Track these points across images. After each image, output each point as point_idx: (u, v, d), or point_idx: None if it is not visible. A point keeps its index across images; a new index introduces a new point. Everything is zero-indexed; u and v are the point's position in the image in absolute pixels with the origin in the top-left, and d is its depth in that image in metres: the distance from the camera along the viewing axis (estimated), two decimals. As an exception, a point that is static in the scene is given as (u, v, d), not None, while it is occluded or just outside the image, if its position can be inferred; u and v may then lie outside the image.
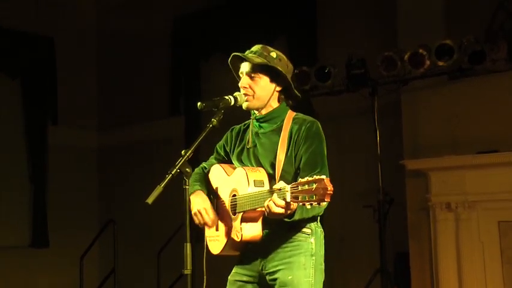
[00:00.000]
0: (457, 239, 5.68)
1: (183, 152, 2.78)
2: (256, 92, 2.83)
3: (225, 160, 3.04)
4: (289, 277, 2.67)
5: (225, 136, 3.08)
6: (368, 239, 6.08)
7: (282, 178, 2.66)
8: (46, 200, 8.70)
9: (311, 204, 2.28)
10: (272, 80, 2.85)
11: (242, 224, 2.64)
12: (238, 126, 3.04)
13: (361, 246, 4.02)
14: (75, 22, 9.32)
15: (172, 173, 2.72)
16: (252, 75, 2.84)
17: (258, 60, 2.80)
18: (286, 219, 2.51)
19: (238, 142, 2.97)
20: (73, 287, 7.85)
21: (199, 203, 2.86)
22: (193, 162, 2.85)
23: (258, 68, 2.83)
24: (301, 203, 2.31)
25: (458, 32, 5.63)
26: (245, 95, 2.83)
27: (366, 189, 6.20)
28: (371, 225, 5.67)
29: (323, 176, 2.31)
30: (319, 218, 2.77)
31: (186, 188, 2.77)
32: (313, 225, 2.74)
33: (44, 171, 8.74)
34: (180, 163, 2.74)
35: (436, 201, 5.79)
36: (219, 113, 2.89)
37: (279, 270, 2.69)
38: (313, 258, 2.71)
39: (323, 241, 2.79)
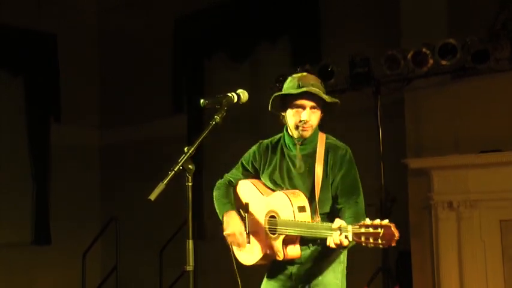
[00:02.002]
0: (458, 237, 5.69)
1: (185, 149, 2.79)
2: (314, 123, 2.97)
3: (251, 175, 3.16)
4: (320, 278, 2.95)
5: (252, 151, 3.19)
6: (370, 238, 6.07)
7: (320, 202, 2.85)
8: (48, 198, 8.71)
9: (372, 245, 2.43)
10: (321, 110, 3.00)
11: (284, 245, 2.83)
12: (266, 142, 3.16)
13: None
14: (78, 20, 9.34)
15: (175, 169, 2.73)
16: (313, 108, 2.95)
17: (326, 97, 2.93)
18: (341, 250, 2.85)
19: (268, 160, 3.07)
20: (75, 284, 7.87)
21: (234, 226, 3.00)
22: (196, 159, 2.85)
23: (319, 102, 2.94)
24: (364, 244, 2.44)
25: (462, 31, 5.63)
26: (304, 128, 2.94)
27: (368, 188, 6.14)
28: (373, 223, 5.66)
29: (389, 223, 2.41)
30: None
31: (188, 184, 2.78)
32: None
33: (46, 169, 8.76)
34: (183, 160, 2.75)
35: (438, 200, 5.80)
36: (221, 110, 2.91)
37: (311, 275, 2.96)
38: (342, 265, 3.03)
39: (346, 257, 3.06)
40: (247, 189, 3.10)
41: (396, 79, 5.76)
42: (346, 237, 2.51)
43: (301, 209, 2.76)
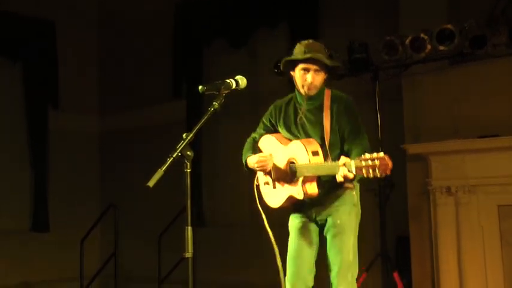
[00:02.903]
0: (457, 223, 5.71)
1: (184, 135, 2.79)
2: (318, 84, 3.42)
3: (272, 130, 3.62)
4: (338, 221, 3.39)
5: (269, 110, 3.68)
6: (369, 223, 6.09)
7: (330, 146, 3.34)
8: (47, 185, 8.71)
9: (373, 175, 2.85)
10: (325, 71, 3.46)
11: (303, 185, 3.27)
12: (280, 102, 3.64)
13: (361, 230, 4.06)
14: (77, 6, 9.29)
15: (174, 156, 2.74)
16: (317, 71, 3.41)
17: (328, 62, 3.43)
18: (347, 184, 3.26)
19: (283, 114, 3.55)
20: (74, 271, 7.88)
21: (257, 155, 3.52)
22: (195, 145, 2.86)
23: (322, 66, 3.41)
24: (365, 175, 2.87)
25: (460, 17, 5.62)
26: (309, 87, 3.41)
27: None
28: (372, 209, 5.68)
29: (381, 154, 2.84)
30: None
31: (187, 171, 2.78)
32: (354, 182, 3.35)
33: (44, 156, 8.74)
34: (182, 146, 2.75)
35: (437, 185, 5.81)
36: (220, 96, 2.92)
37: (329, 215, 3.42)
38: (355, 208, 3.45)
39: (359, 193, 3.49)
40: (269, 142, 3.56)
41: (394, 65, 5.76)
42: (349, 170, 2.94)
43: (315, 153, 3.22)
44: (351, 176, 2.99)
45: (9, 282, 8.19)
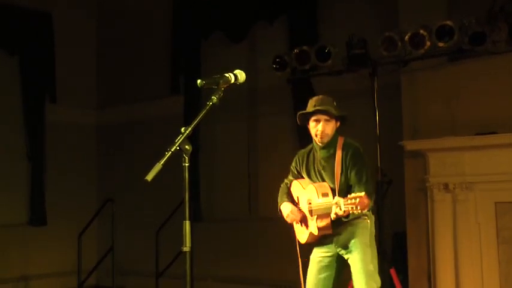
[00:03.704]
0: (454, 219, 5.71)
1: (182, 129, 2.78)
2: (329, 132, 3.92)
3: (299, 176, 4.14)
4: (353, 241, 3.84)
5: (294, 159, 4.19)
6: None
7: (340, 188, 3.83)
8: (44, 178, 8.70)
9: (357, 212, 3.47)
10: (335, 121, 3.98)
11: (317, 221, 3.80)
12: (302, 151, 4.16)
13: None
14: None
15: (172, 150, 2.73)
16: (327, 121, 3.92)
17: (335, 112, 3.93)
18: (344, 219, 3.73)
19: (305, 162, 4.07)
20: (71, 265, 7.88)
21: (288, 209, 4.05)
22: (192, 139, 2.85)
23: (331, 116, 3.93)
24: (351, 211, 3.47)
25: (459, 13, 5.61)
26: (321, 136, 3.92)
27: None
28: (369, 205, 5.68)
29: (362, 193, 3.44)
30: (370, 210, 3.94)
31: (185, 165, 2.78)
32: (367, 212, 3.85)
33: (42, 149, 8.73)
34: (180, 140, 2.74)
35: (434, 182, 5.81)
36: (219, 90, 2.90)
37: (347, 241, 3.85)
38: (368, 231, 3.89)
39: (373, 220, 3.99)
40: (296, 187, 4.11)
41: (393, 61, 5.74)
42: (340, 208, 3.48)
43: (324, 194, 3.77)
44: (340, 213, 3.51)
45: (6, 276, 8.19)
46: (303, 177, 4.11)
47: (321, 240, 3.96)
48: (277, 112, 7.60)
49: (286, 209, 4.06)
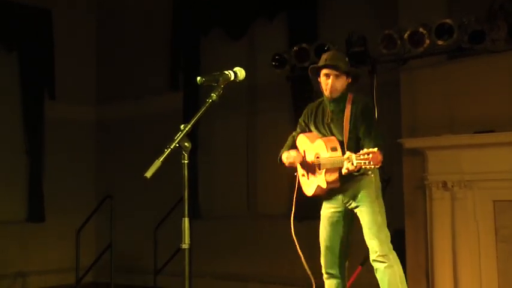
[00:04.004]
0: (452, 217, 5.72)
1: (182, 126, 2.78)
2: (338, 87, 3.94)
3: (307, 130, 4.15)
4: (360, 196, 3.92)
5: (303, 112, 4.19)
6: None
7: (348, 142, 3.86)
8: (42, 175, 8.69)
9: (369, 167, 3.45)
10: (346, 77, 4.00)
11: (325, 175, 3.83)
12: (312, 104, 4.14)
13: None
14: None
15: (171, 147, 2.73)
16: (337, 76, 3.94)
17: (345, 67, 3.96)
18: (355, 173, 3.70)
19: (314, 116, 4.10)
20: (69, 261, 7.87)
21: (290, 152, 4.07)
22: (191, 137, 2.85)
23: (341, 72, 3.95)
24: (363, 166, 3.45)
25: (460, 11, 5.61)
26: (330, 90, 3.93)
27: (363, 167, 6.21)
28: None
29: (375, 149, 3.44)
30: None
31: (184, 162, 2.78)
32: (374, 170, 3.82)
33: (40, 145, 8.72)
34: (179, 137, 2.74)
35: (433, 180, 5.82)
36: (218, 88, 2.90)
37: (354, 195, 3.94)
38: (373, 184, 3.93)
39: (378, 174, 4.00)
40: (302, 141, 4.11)
41: (392, 59, 5.75)
42: (352, 163, 3.46)
43: (333, 149, 3.80)
44: (352, 167, 3.50)
45: (4, 273, 8.19)
46: (311, 131, 4.13)
47: (328, 194, 4.01)
48: (277, 109, 7.60)
49: (284, 154, 4.10)
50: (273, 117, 7.73)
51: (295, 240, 4.10)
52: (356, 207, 3.97)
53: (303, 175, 4.12)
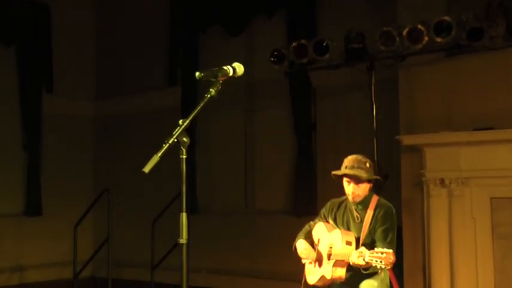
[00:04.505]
0: (449, 214, 5.73)
1: (180, 121, 2.78)
2: (360, 193, 3.94)
3: (325, 222, 4.16)
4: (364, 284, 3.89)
5: (326, 205, 4.20)
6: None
7: (364, 241, 3.88)
8: (40, 169, 8.69)
9: (379, 266, 3.50)
10: (368, 182, 3.98)
11: (333, 267, 3.84)
12: (335, 200, 4.16)
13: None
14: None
15: (170, 142, 2.72)
16: (358, 183, 3.93)
17: (366, 176, 3.93)
18: (363, 271, 3.73)
19: (334, 211, 4.11)
20: (67, 256, 7.88)
21: (305, 246, 4.07)
22: (190, 132, 2.84)
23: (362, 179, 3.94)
24: (374, 264, 3.50)
25: (459, 8, 5.61)
26: (353, 197, 3.94)
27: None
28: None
29: (390, 250, 3.49)
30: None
31: (182, 157, 2.78)
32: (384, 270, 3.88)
33: (38, 140, 8.72)
34: (178, 132, 2.74)
35: (430, 177, 5.82)
36: (217, 83, 2.89)
37: (358, 284, 3.89)
38: (379, 276, 3.91)
39: (388, 275, 4.03)
40: (319, 229, 4.12)
41: (391, 55, 5.75)
42: (363, 259, 3.51)
43: (348, 243, 3.81)
44: (361, 262, 3.56)
45: (2, 266, 8.19)
46: (329, 223, 4.15)
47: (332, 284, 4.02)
48: (275, 105, 7.60)
49: (301, 245, 4.10)
50: (271, 113, 7.74)
51: None
52: None
53: (310, 263, 4.11)
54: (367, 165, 3.98)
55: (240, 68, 2.99)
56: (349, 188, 3.95)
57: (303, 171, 7.21)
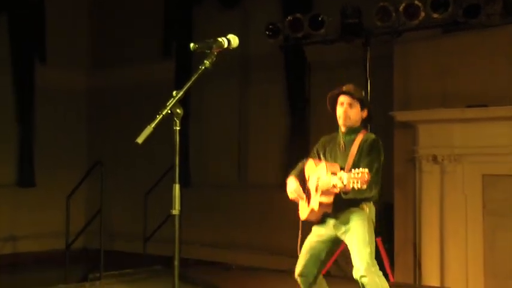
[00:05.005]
0: (441, 191, 5.77)
1: (174, 92, 2.76)
2: (352, 116, 3.96)
3: (316, 158, 4.14)
4: (351, 223, 3.88)
5: (319, 141, 4.20)
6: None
7: (349, 169, 3.77)
8: (33, 140, 8.66)
9: (357, 187, 3.46)
10: (360, 109, 4.00)
11: (320, 197, 3.83)
12: (327, 136, 4.18)
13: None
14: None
15: (163, 113, 2.71)
16: (351, 105, 3.96)
17: (359, 95, 4.00)
18: (343, 195, 3.73)
19: (323, 145, 4.14)
20: (59, 227, 7.89)
21: (294, 186, 4.04)
22: (184, 104, 2.83)
23: (355, 101, 3.98)
24: (352, 185, 3.47)
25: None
26: (344, 118, 3.97)
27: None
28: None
29: (366, 170, 3.46)
30: (372, 202, 3.93)
31: (176, 129, 2.77)
32: (368, 203, 3.91)
33: (31, 111, 8.67)
34: (171, 104, 2.73)
35: (423, 153, 5.85)
36: (211, 55, 2.87)
37: (345, 223, 3.90)
38: (366, 215, 3.87)
39: (374, 213, 3.97)
40: (309, 165, 4.11)
41: (387, 31, 5.72)
42: (342, 182, 3.50)
43: (333, 173, 3.72)
44: (339, 184, 3.56)
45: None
46: (321, 159, 4.16)
47: (321, 220, 4.01)
48: (270, 79, 7.58)
49: (291, 184, 4.11)
50: (265, 87, 7.72)
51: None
52: (345, 231, 3.93)
53: (302, 198, 4.13)
54: (363, 93, 4.15)
55: (234, 40, 2.97)
56: (341, 109, 3.99)
57: (296, 145, 7.21)
